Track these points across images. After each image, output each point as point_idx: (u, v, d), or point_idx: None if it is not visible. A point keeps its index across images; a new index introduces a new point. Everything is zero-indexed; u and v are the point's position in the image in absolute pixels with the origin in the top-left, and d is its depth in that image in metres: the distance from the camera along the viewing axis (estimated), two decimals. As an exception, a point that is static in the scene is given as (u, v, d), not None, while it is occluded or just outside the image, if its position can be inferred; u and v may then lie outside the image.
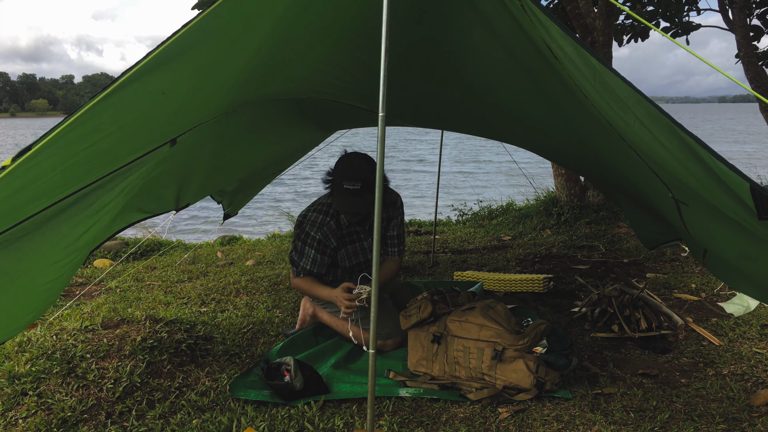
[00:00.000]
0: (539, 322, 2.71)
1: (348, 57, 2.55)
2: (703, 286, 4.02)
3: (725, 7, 7.10)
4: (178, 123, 2.09)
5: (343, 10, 2.10)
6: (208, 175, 3.48)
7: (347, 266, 3.24)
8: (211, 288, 4.31)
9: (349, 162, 2.94)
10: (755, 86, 6.69)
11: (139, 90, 1.59)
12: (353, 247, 3.19)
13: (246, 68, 2.12)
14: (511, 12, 1.81)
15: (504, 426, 2.30)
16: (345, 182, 2.88)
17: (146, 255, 5.83)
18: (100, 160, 1.71)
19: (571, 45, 1.62)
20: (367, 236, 3.18)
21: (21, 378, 2.46)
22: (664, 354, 2.95)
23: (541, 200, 7.27)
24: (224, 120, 2.67)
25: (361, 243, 3.20)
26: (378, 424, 2.32)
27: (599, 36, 6.11)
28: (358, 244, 3.19)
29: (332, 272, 3.27)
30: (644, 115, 1.61)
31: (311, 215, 3.12)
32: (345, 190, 2.89)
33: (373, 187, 2.78)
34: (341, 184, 2.90)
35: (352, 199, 2.89)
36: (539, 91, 2.39)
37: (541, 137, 3.23)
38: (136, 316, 3.12)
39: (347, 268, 3.24)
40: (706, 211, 1.98)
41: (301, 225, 3.14)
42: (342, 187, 2.89)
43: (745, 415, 2.32)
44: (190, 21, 1.54)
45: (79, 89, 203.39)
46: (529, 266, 4.91)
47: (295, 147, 4.42)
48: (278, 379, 2.53)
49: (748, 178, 1.46)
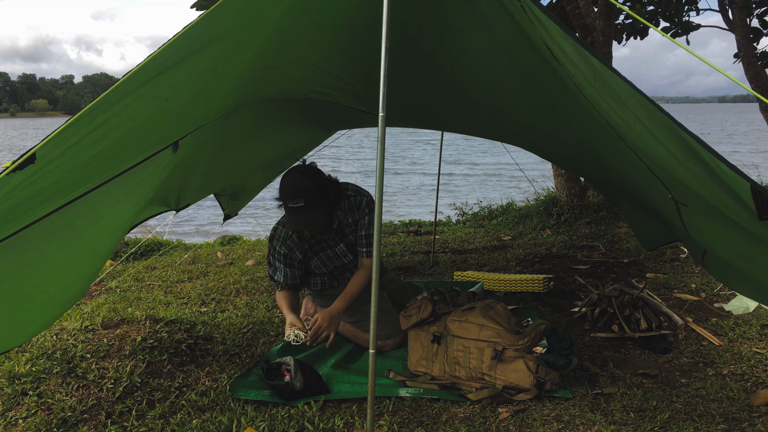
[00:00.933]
0: (539, 322, 2.71)
1: (347, 58, 2.55)
2: (703, 286, 4.02)
3: (725, 7, 7.10)
4: (180, 126, 2.09)
5: (344, 10, 2.10)
6: (208, 175, 3.48)
7: (325, 272, 3.23)
8: (211, 288, 4.31)
9: (289, 180, 2.85)
10: (755, 86, 6.70)
11: (143, 96, 1.59)
12: (325, 254, 3.15)
13: (248, 69, 2.12)
14: (510, 12, 1.81)
15: (504, 426, 2.30)
16: (288, 201, 2.82)
17: (146, 255, 5.83)
18: (103, 165, 1.71)
19: (571, 45, 1.62)
20: (338, 242, 3.14)
21: (21, 378, 2.46)
22: (664, 354, 2.95)
23: (541, 200, 7.27)
24: (225, 121, 2.67)
25: (333, 249, 3.15)
26: (378, 424, 2.32)
27: (599, 36, 6.11)
28: (330, 251, 3.15)
29: (313, 281, 3.29)
30: (645, 115, 1.61)
31: (279, 229, 3.11)
32: (290, 209, 2.84)
33: (317, 201, 2.81)
34: (286, 204, 2.86)
35: (299, 217, 2.83)
36: (538, 92, 2.39)
37: (540, 138, 3.23)
38: (136, 316, 3.12)
39: (326, 273, 3.24)
40: (706, 212, 1.98)
41: (271, 240, 3.15)
42: (287, 206, 2.85)
43: (745, 415, 2.32)
44: (191, 23, 1.54)
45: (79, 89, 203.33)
46: (529, 266, 4.91)
47: (295, 147, 4.42)
48: (278, 379, 2.53)
49: (749, 178, 1.46)
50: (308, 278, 3.28)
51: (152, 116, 1.76)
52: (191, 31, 1.54)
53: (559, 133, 2.83)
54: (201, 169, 3.26)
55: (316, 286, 3.29)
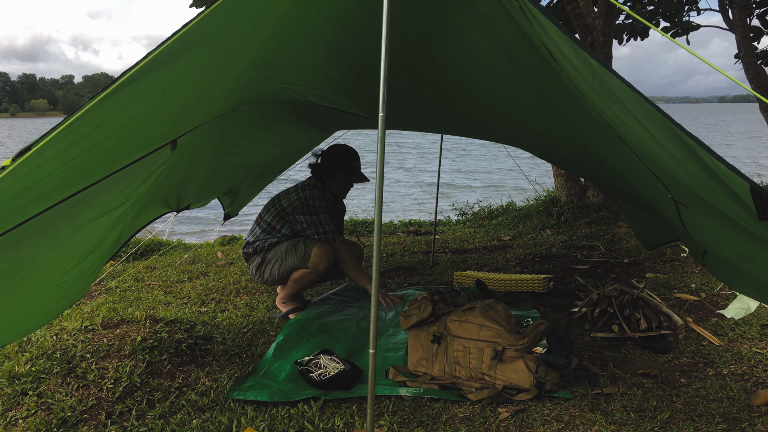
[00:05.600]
0: (539, 322, 2.71)
1: (346, 59, 2.55)
2: (703, 286, 4.02)
3: (725, 7, 7.10)
4: (178, 123, 2.09)
5: (344, 10, 2.10)
6: (208, 175, 3.48)
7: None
8: (211, 288, 4.31)
9: (348, 148, 3.74)
10: (755, 86, 6.70)
11: (138, 89, 1.59)
12: (338, 221, 3.88)
13: (247, 69, 2.12)
14: (509, 13, 1.81)
15: (504, 426, 2.30)
16: (354, 162, 3.73)
17: (146, 255, 5.83)
18: (101, 161, 1.71)
19: (570, 46, 1.62)
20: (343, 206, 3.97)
21: (21, 378, 2.46)
22: (664, 354, 2.95)
23: (541, 200, 7.27)
24: (224, 120, 2.67)
25: (341, 218, 3.98)
26: (378, 424, 2.32)
27: (599, 36, 6.11)
28: (339, 220, 3.91)
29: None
30: (643, 116, 1.61)
31: (306, 193, 3.62)
32: (356, 168, 3.73)
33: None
34: (352, 164, 3.72)
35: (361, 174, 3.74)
36: (538, 93, 2.39)
37: (539, 139, 3.23)
38: (136, 316, 3.13)
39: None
40: (706, 212, 1.98)
41: (305, 201, 3.60)
42: (353, 166, 3.72)
43: (745, 415, 2.32)
44: (191, 20, 1.54)
45: (79, 89, 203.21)
46: (529, 266, 4.91)
47: (295, 147, 4.42)
48: (323, 376, 2.61)
49: (748, 178, 1.46)
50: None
51: (148, 112, 1.75)
52: (191, 29, 1.54)
53: (559, 134, 2.83)
54: (201, 169, 3.26)
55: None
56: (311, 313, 3.44)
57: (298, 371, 2.71)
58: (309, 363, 2.71)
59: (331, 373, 2.61)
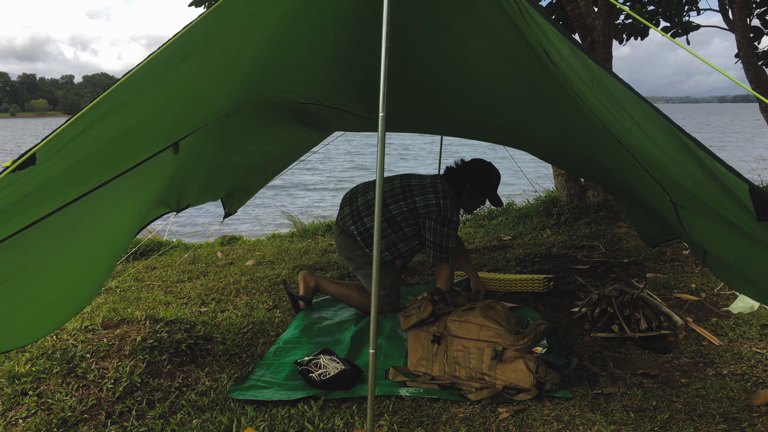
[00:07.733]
0: (539, 322, 2.71)
1: (347, 60, 2.55)
2: (703, 286, 4.02)
3: (725, 7, 7.10)
4: (180, 126, 2.09)
5: (345, 10, 2.10)
6: (208, 175, 3.49)
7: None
8: (211, 288, 4.31)
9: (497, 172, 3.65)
10: (755, 86, 6.69)
11: (141, 94, 1.59)
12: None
13: (249, 71, 2.12)
14: (508, 15, 1.81)
15: (504, 426, 2.30)
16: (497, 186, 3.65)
17: (146, 255, 5.83)
18: (102, 164, 1.71)
19: (568, 48, 1.62)
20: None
21: (21, 378, 2.47)
22: (664, 354, 2.95)
23: (541, 200, 7.27)
24: (225, 121, 2.67)
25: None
26: (378, 424, 2.32)
27: (599, 36, 6.10)
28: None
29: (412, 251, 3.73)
30: (642, 117, 1.61)
31: (445, 203, 3.41)
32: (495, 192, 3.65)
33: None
34: (496, 189, 3.64)
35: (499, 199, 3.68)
36: (537, 95, 2.39)
37: (538, 140, 3.23)
38: (136, 316, 3.13)
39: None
40: (705, 214, 1.98)
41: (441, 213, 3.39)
42: (496, 191, 3.65)
43: (745, 415, 2.32)
44: (192, 22, 1.54)
45: (79, 89, 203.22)
46: (529, 266, 4.91)
47: (294, 147, 4.43)
48: (323, 376, 2.61)
49: (747, 179, 1.47)
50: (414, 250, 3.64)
51: (151, 116, 1.75)
52: (192, 30, 1.54)
53: (557, 136, 2.83)
54: (201, 169, 3.26)
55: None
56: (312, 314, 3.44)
57: (298, 371, 2.71)
58: (309, 363, 2.71)
59: (331, 373, 2.62)
